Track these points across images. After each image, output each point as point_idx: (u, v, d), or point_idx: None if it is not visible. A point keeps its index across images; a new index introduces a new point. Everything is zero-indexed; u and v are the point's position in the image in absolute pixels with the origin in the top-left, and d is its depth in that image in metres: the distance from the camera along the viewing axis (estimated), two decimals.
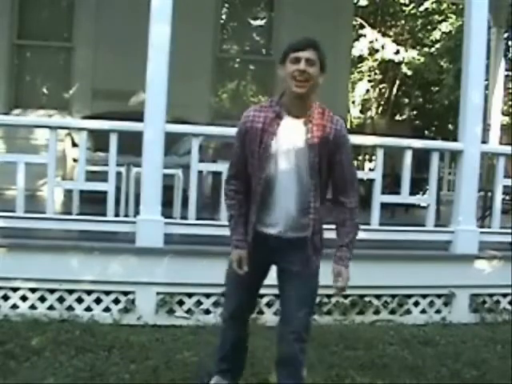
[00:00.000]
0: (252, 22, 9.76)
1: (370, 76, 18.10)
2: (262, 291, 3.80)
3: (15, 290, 4.88)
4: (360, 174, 6.97)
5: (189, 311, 5.07)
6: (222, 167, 5.35)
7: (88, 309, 4.96)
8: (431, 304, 5.49)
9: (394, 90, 17.66)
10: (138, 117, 5.08)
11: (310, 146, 3.04)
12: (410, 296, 5.45)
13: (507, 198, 8.15)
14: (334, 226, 3.22)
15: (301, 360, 3.17)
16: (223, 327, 3.51)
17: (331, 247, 3.21)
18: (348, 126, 13.83)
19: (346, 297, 5.27)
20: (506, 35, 10.47)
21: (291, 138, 3.06)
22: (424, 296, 5.48)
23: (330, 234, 3.27)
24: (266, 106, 3.13)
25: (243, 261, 3.16)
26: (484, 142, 7.07)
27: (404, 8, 16.95)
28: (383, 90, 17.97)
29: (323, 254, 3.24)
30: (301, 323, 3.14)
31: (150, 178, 5.06)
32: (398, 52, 15.51)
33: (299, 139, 3.05)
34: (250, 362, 3.74)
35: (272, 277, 3.36)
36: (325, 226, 3.26)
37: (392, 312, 5.39)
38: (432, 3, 16.27)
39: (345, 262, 3.12)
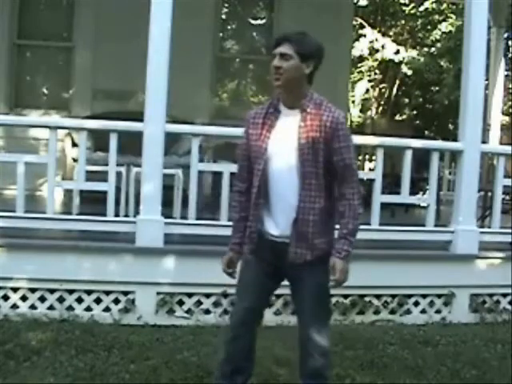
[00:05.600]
0: (252, 21, 9.75)
1: (369, 76, 18.10)
2: None
3: (15, 290, 4.88)
4: (360, 174, 7.00)
5: (189, 311, 5.07)
6: (222, 167, 5.37)
7: (88, 309, 4.96)
8: (431, 304, 5.49)
9: (394, 90, 17.66)
10: (138, 117, 5.09)
11: (304, 133, 3.01)
12: (410, 296, 5.45)
13: (507, 197, 8.15)
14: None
15: (323, 373, 3.12)
16: (230, 336, 3.22)
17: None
18: (348, 126, 13.79)
19: (346, 297, 5.28)
20: (506, 35, 10.46)
21: (288, 127, 3.04)
22: (424, 296, 5.48)
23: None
24: (267, 104, 3.16)
25: (232, 264, 3.21)
26: (484, 141, 7.06)
27: (404, 8, 16.94)
28: (383, 90, 17.97)
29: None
30: (316, 340, 3.07)
31: (149, 178, 5.06)
32: (398, 52, 15.52)
33: (295, 128, 3.03)
34: None
35: None
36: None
37: (392, 312, 5.40)
38: (432, 3, 16.26)
39: (341, 255, 2.99)
